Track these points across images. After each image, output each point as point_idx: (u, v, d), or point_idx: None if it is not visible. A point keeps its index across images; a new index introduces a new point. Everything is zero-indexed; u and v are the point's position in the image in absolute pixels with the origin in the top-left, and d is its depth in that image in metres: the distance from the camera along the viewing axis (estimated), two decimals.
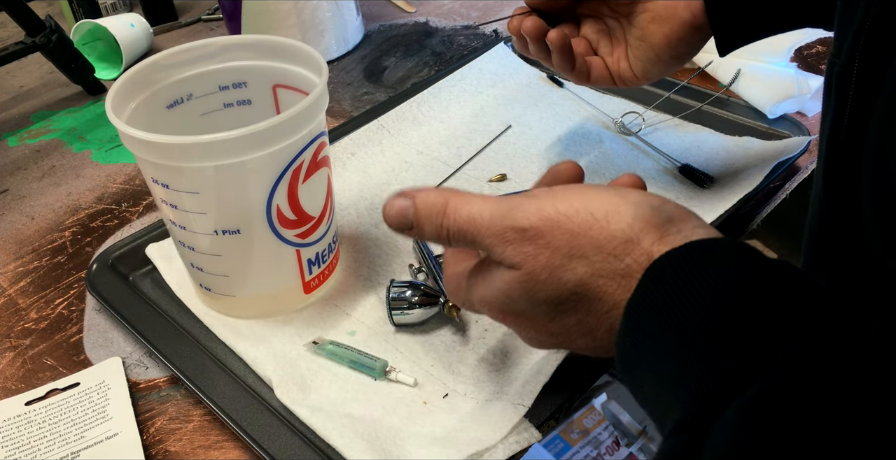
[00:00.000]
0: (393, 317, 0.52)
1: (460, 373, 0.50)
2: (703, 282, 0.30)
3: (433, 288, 0.53)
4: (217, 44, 0.52)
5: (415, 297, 0.52)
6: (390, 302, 0.52)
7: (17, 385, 0.53)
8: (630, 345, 0.32)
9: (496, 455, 0.43)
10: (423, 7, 1.02)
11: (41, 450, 0.47)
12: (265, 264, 0.51)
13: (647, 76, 0.55)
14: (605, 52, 0.55)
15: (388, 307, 0.52)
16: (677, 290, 0.30)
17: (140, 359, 0.54)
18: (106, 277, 0.58)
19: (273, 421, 0.46)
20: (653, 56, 0.53)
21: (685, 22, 0.50)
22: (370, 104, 0.81)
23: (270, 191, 0.47)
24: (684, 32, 0.51)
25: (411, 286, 0.52)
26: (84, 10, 0.99)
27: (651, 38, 0.52)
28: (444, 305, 0.52)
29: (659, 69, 0.54)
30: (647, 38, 0.52)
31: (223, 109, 0.55)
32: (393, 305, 0.52)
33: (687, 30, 0.51)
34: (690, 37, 0.51)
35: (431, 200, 0.38)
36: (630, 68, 0.55)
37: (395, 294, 0.52)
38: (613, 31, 0.55)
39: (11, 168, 0.76)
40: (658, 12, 0.51)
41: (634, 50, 0.53)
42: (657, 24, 0.51)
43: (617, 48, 0.55)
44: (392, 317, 0.52)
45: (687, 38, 0.51)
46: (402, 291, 0.52)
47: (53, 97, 0.88)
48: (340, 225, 0.63)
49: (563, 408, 0.47)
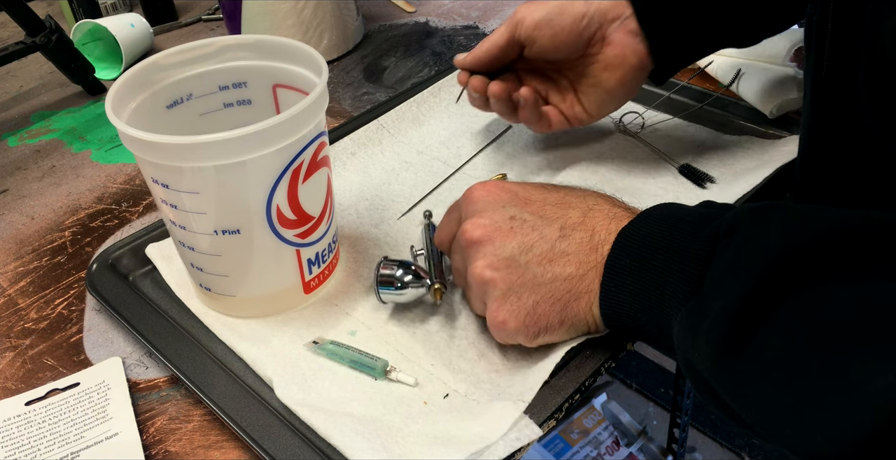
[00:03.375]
0: (380, 294, 0.52)
1: (461, 371, 0.50)
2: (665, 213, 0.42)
3: (424, 270, 0.52)
4: (217, 44, 0.52)
5: (406, 277, 0.51)
6: (379, 277, 0.52)
7: (17, 385, 0.53)
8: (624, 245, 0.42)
9: (497, 451, 0.43)
10: (423, 7, 1.02)
11: (41, 450, 0.47)
12: (265, 264, 0.51)
13: (601, 114, 0.62)
14: (556, 101, 0.62)
15: (376, 282, 0.52)
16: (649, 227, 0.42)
17: (140, 359, 0.54)
18: (106, 277, 0.58)
19: (273, 421, 0.46)
20: (607, 98, 0.59)
21: (634, 66, 0.57)
22: (370, 104, 0.81)
23: (270, 191, 0.47)
24: (634, 74, 0.57)
25: (402, 265, 0.52)
26: (84, 10, 0.99)
27: (605, 84, 0.58)
28: (430, 287, 0.52)
29: (613, 107, 0.61)
30: (601, 84, 0.58)
31: (223, 109, 0.55)
32: (381, 281, 0.51)
33: (636, 72, 0.57)
34: (639, 76, 0.58)
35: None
36: (584, 111, 0.61)
37: (385, 271, 0.52)
38: (557, 81, 0.61)
39: (11, 168, 0.76)
40: (609, 61, 0.57)
41: (588, 95, 0.59)
42: (609, 71, 0.57)
43: (567, 95, 0.61)
44: (379, 293, 0.52)
45: (637, 78, 0.58)
46: (393, 269, 0.52)
47: (53, 97, 0.88)
48: (340, 225, 0.63)
49: (563, 408, 0.47)
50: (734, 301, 0.34)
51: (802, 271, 0.33)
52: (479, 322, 0.53)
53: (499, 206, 0.47)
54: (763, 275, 0.33)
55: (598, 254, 0.43)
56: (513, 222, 0.45)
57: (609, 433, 1.42)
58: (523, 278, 0.44)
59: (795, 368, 0.31)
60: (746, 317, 0.33)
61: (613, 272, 0.42)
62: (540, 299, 0.44)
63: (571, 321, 0.45)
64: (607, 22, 0.55)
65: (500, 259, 0.45)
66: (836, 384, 0.29)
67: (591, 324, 0.45)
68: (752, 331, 0.33)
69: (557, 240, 0.44)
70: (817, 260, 0.33)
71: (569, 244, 0.44)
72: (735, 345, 0.34)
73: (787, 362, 0.31)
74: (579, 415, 1.44)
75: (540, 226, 0.45)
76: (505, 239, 0.45)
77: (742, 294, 0.34)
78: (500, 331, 0.46)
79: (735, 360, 0.34)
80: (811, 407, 0.30)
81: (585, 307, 0.44)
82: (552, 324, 0.45)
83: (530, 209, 0.46)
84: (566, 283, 0.44)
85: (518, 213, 0.46)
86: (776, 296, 0.33)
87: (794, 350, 0.31)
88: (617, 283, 0.42)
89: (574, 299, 0.44)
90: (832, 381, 0.30)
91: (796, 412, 0.31)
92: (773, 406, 0.32)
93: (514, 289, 0.45)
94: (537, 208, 0.46)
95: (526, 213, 0.46)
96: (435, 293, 0.52)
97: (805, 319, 0.32)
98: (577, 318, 0.44)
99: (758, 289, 0.33)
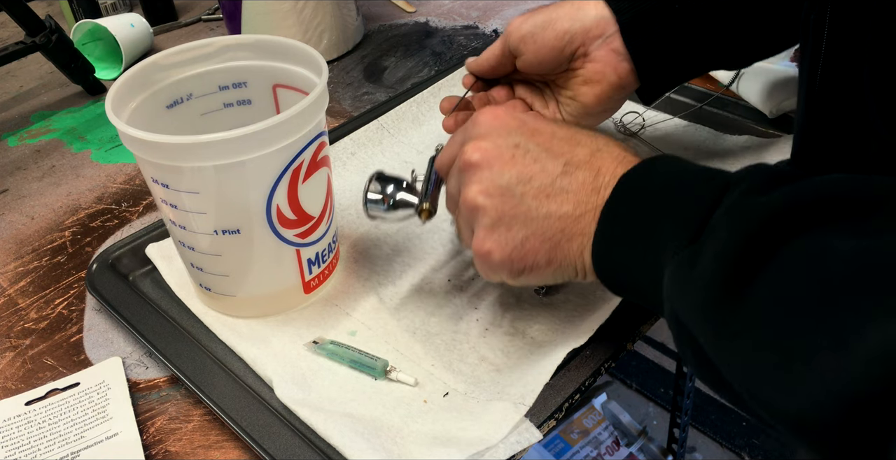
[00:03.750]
0: (368, 208, 0.51)
1: (461, 373, 0.50)
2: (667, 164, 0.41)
3: (417, 191, 0.51)
4: (217, 44, 0.52)
5: (397, 194, 0.50)
6: (368, 191, 0.50)
7: (17, 385, 0.53)
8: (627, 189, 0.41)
9: (497, 454, 0.43)
10: (423, 7, 1.02)
11: (41, 450, 0.47)
12: (265, 264, 0.51)
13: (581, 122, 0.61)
14: (539, 107, 0.61)
15: (365, 196, 0.51)
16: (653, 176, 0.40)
17: (140, 359, 0.54)
18: (106, 277, 0.58)
19: (273, 421, 0.46)
20: (584, 112, 0.58)
21: (613, 83, 0.56)
22: (370, 104, 0.81)
23: (270, 190, 0.47)
24: (612, 92, 0.56)
25: (396, 182, 0.51)
26: (84, 10, 0.99)
27: (582, 98, 0.57)
28: (417, 207, 0.51)
29: (589, 121, 0.60)
30: (579, 98, 0.57)
31: (223, 109, 0.55)
32: (370, 196, 0.50)
33: (614, 89, 0.56)
34: (617, 95, 0.57)
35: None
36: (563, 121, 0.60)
37: (376, 185, 0.50)
38: (543, 90, 0.61)
39: (11, 168, 0.76)
40: (588, 76, 0.56)
41: (566, 106, 0.59)
42: (588, 86, 0.56)
43: (550, 104, 0.60)
44: (367, 208, 0.51)
45: (614, 97, 0.57)
46: (384, 185, 0.50)
47: (53, 97, 0.88)
48: (340, 225, 0.63)
49: (563, 408, 0.47)
50: (729, 248, 0.32)
51: (803, 222, 0.31)
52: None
53: (504, 132, 0.45)
54: (762, 223, 0.32)
55: (600, 197, 0.41)
56: (515, 150, 0.44)
57: (609, 433, 1.42)
58: (516, 210, 0.43)
59: (786, 323, 0.30)
60: (740, 266, 0.32)
61: (611, 216, 0.40)
62: (530, 234, 0.42)
63: (559, 262, 0.43)
64: (590, 39, 0.54)
65: (495, 186, 0.43)
66: (828, 340, 0.28)
67: (579, 270, 0.43)
68: (744, 282, 0.32)
69: (559, 177, 0.42)
70: (819, 212, 0.31)
71: (570, 182, 0.42)
72: (725, 295, 0.32)
73: (778, 316, 0.30)
74: (579, 415, 1.44)
75: (543, 158, 0.43)
76: (504, 166, 0.43)
77: (737, 242, 0.32)
78: (484, 263, 0.44)
79: (723, 311, 0.32)
80: (798, 364, 0.28)
81: (577, 250, 0.42)
82: (539, 263, 0.43)
83: (537, 140, 0.44)
84: (560, 222, 0.42)
85: (523, 142, 0.44)
86: (773, 246, 0.31)
87: (788, 303, 0.30)
88: (613, 228, 0.40)
89: (566, 240, 0.42)
90: (824, 338, 0.28)
91: (782, 369, 0.29)
92: (757, 361, 0.31)
93: (504, 219, 0.43)
94: (544, 140, 0.44)
95: (531, 144, 0.44)
96: (422, 213, 0.50)
97: (801, 272, 0.30)
98: (566, 261, 0.43)
99: (755, 236, 0.32)
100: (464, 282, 0.56)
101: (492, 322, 0.53)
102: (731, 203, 0.35)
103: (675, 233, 0.37)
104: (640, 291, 0.40)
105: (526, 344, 0.51)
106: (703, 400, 1.50)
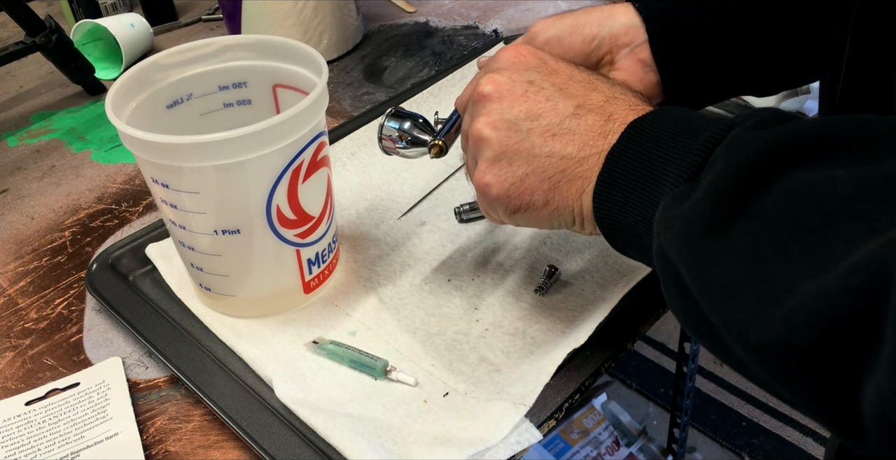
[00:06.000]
0: (382, 143, 0.51)
1: (461, 373, 0.50)
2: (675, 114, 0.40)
3: (433, 128, 0.51)
4: (217, 44, 0.52)
5: (413, 131, 0.50)
6: (384, 125, 0.50)
7: (17, 385, 0.53)
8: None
9: (497, 454, 0.43)
10: (423, 7, 1.02)
11: (41, 450, 0.47)
12: (265, 264, 0.51)
13: None
14: None
15: (381, 130, 0.50)
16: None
17: (140, 359, 0.54)
18: (106, 277, 0.58)
19: (273, 421, 0.46)
20: None
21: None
22: (370, 104, 0.81)
23: (270, 190, 0.47)
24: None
25: (412, 118, 0.50)
26: (84, 10, 0.99)
27: None
28: (430, 143, 0.50)
29: None
30: None
31: (223, 109, 0.55)
32: (386, 130, 0.50)
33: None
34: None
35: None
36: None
37: (392, 121, 0.50)
38: None
39: (11, 168, 0.76)
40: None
41: None
42: None
43: None
44: (381, 142, 0.51)
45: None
46: (402, 120, 0.50)
47: (53, 97, 0.88)
48: (340, 225, 0.63)
49: (563, 408, 0.47)
50: (722, 178, 0.32)
51: (800, 155, 0.31)
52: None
53: (521, 68, 0.44)
54: (758, 154, 0.31)
55: (607, 142, 0.41)
56: (529, 86, 0.43)
57: (609, 433, 1.42)
58: (520, 145, 0.42)
59: (772, 252, 0.29)
60: (731, 196, 0.31)
61: (615, 160, 0.39)
62: (530, 171, 0.42)
63: (557, 204, 0.42)
64: (617, 47, 0.53)
65: (502, 120, 0.43)
66: (813, 268, 0.27)
67: (576, 214, 0.42)
68: (734, 212, 0.31)
69: (569, 118, 0.42)
70: (818, 146, 0.31)
71: (578, 124, 0.41)
72: (713, 225, 0.32)
73: (765, 245, 0.29)
74: (579, 415, 1.44)
75: (556, 97, 0.42)
76: (515, 101, 0.43)
77: (731, 172, 0.32)
78: (483, 195, 0.44)
79: (708, 240, 0.32)
80: (779, 291, 0.28)
81: (576, 193, 0.42)
82: (536, 203, 0.43)
83: (553, 79, 0.44)
84: (561, 162, 0.41)
85: (538, 79, 0.43)
86: (768, 177, 0.31)
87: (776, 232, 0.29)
88: (616, 172, 0.39)
89: (566, 181, 0.42)
90: (810, 265, 0.27)
91: (760, 295, 0.28)
92: (738, 290, 0.30)
93: (507, 153, 0.43)
94: (561, 81, 0.44)
95: (547, 82, 0.43)
96: (432, 149, 0.50)
97: (793, 201, 0.29)
98: (564, 203, 0.42)
99: (749, 168, 0.31)
100: (464, 282, 0.56)
101: (492, 322, 0.53)
102: (730, 138, 0.34)
103: (675, 171, 0.36)
104: (634, 234, 0.39)
105: (526, 344, 0.51)
106: (703, 401, 1.50)
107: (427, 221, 0.62)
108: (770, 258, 0.29)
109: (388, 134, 0.50)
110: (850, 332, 0.25)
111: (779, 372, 0.28)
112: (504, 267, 0.57)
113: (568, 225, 0.44)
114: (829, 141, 0.31)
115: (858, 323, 0.25)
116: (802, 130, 0.31)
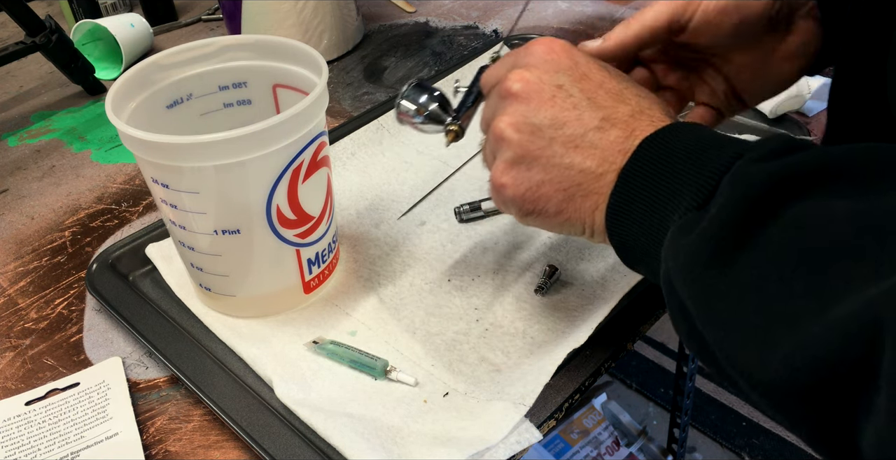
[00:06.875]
0: (400, 117, 0.49)
1: (461, 373, 0.50)
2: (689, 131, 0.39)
3: (452, 107, 0.50)
4: (217, 44, 0.52)
5: (430, 105, 0.49)
6: (403, 97, 0.49)
7: (17, 385, 0.53)
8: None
9: (497, 454, 0.43)
10: (423, 7, 1.02)
11: (41, 450, 0.47)
12: (265, 264, 0.51)
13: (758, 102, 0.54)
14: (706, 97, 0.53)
15: (399, 101, 0.49)
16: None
17: (140, 359, 0.54)
18: (106, 277, 0.58)
19: (273, 421, 0.46)
20: (777, 89, 0.52)
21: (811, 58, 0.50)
22: (370, 104, 0.81)
23: (270, 190, 0.47)
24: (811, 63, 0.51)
25: (431, 92, 0.49)
26: (84, 10, 0.99)
27: (784, 76, 0.51)
28: (446, 126, 0.49)
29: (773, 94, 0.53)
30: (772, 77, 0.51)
31: (223, 109, 0.55)
32: (405, 103, 0.49)
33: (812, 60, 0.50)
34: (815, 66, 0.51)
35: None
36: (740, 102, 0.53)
37: (412, 92, 0.49)
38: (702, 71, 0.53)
39: (11, 168, 0.76)
40: (791, 51, 0.50)
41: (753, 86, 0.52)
42: (789, 61, 0.50)
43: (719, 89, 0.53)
44: (399, 113, 0.49)
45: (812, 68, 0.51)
46: (422, 92, 0.49)
47: (53, 97, 0.88)
48: (340, 225, 0.63)
49: (563, 408, 0.47)
50: (726, 210, 0.32)
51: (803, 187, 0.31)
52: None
53: (552, 68, 0.43)
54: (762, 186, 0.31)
55: (625, 159, 0.40)
56: (557, 91, 0.42)
57: (609, 433, 1.42)
58: (541, 152, 0.42)
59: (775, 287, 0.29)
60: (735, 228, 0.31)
61: (629, 177, 0.39)
62: (547, 180, 0.42)
63: (569, 215, 0.42)
64: (794, 8, 0.48)
65: (527, 123, 0.42)
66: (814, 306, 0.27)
67: (587, 228, 0.42)
68: (738, 244, 0.31)
69: (593, 130, 0.41)
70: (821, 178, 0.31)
71: (601, 138, 0.41)
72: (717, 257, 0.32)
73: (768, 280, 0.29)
74: (579, 415, 1.44)
75: (583, 106, 0.42)
76: (542, 104, 0.42)
77: (735, 204, 0.32)
78: (497, 194, 0.44)
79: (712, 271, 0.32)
80: (781, 329, 0.28)
81: (590, 208, 0.41)
82: (549, 210, 0.42)
83: (583, 85, 0.42)
84: (580, 175, 0.41)
85: (568, 84, 0.42)
86: (771, 209, 0.31)
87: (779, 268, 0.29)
88: (631, 189, 0.39)
89: (581, 195, 0.41)
90: (811, 303, 0.27)
91: (763, 333, 0.29)
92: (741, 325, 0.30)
93: (526, 158, 0.42)
94: (591, 88, 0.42)
95: (576, 88, 0.42)
96: (448, 133, 0.49)
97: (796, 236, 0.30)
98: (577, 216, 0.42)
99: (753, 199, 0.31)
100: (464, 282, 0.56)
101: (492, 322, 0.53)
102: (736, 169, 0.34)
103: (685, 198, 0.36)
104: (645, 254, 0.39)
105: (526, 344, 0.51)
106: (703, 401, 1.50)
107: (427, 221, 0.62)
108: (773, 295, 0.29)
109: (406, 107, 0.49)
110: (848, 377, 0.25)
111: (780, 407, 0.29)
112: (504, 267, 0.57)
113: (578, 234, 0.43)
114: (833, 173, 0.31)
115: (855, 370, 0.25)
116: (806, 162, 0.32)
